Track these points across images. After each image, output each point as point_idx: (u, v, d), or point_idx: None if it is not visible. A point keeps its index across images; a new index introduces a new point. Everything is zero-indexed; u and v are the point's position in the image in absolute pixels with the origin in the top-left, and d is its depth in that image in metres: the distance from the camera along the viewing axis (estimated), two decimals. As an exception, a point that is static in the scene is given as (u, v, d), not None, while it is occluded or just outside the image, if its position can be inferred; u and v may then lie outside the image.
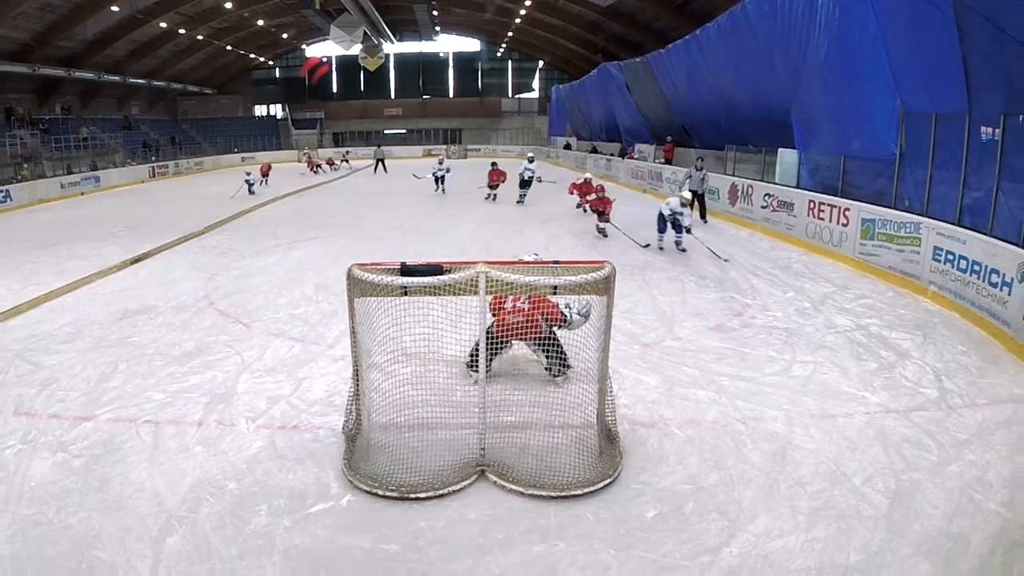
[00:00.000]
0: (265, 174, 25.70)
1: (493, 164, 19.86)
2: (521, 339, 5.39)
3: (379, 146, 37.21)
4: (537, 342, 5.46)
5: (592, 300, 4.86)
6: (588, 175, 16.23)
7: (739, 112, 16.74)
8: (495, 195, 18.93)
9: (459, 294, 4.15)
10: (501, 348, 5.32)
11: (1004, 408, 5.21)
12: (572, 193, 15.05)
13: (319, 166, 32.04)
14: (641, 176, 21.88)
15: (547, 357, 5.48)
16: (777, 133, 14.05)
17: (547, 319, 5.31)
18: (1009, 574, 3.42)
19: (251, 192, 21.70)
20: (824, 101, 12.43)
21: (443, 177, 21.22)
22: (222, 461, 4.52)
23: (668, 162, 20.99)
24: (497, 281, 4.04)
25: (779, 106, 13.90)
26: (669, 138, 21.79)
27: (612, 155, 26.68)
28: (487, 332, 4.95)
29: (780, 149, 13.90)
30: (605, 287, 4.25)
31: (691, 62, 18.70)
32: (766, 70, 14.44)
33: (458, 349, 4.40)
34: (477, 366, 5.08)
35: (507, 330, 5.23)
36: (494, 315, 5.40)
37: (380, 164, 31.21)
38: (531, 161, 18.76)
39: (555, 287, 4.21)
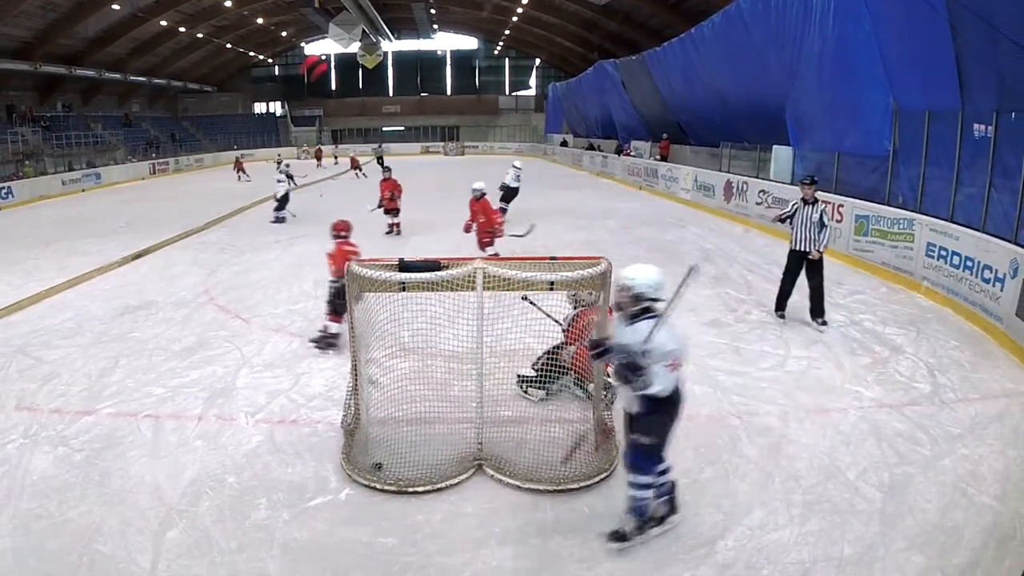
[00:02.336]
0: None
1: (386, 172, 13.22)
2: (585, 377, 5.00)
3: (379, 144, 37.43)
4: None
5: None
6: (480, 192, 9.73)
7: (734, 109, 16.80)
8: (397, 225, 12.86)
9: (456, 290, 4.16)
10: (565, 375, 5.09)
11: (997, 403, 5.26)
12: (468, 230, 9.90)
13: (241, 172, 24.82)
14: (637, 173, 22.01)
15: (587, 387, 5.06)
16: (771, 130, 14.11)
17: None
18: (1001, 567, 3.44)
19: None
20: (818, 98, 12.48)
21: (285, 196, 14.78)
22: (222, 455, 4.55)
23: (664, 159, 21.06)
24: (494, 277, 4.07)
25: (773, 103, 13.96)
26: (665, 135, 21.87)
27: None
28: (553, 353, 4.98)
29: (774, 146, 13.95)
30: (601, 283, 4.27)
31: (686, 60, 18.76)
32: (761, 68, 14.50)
33: (456, 344, 4.42)
34: (538, 385, 5.12)
35: (587, 371, 4.90)
36: (569, 342, 5.16)
37: (379, 161, 31.30)
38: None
39: (551, 282, 4.24)
